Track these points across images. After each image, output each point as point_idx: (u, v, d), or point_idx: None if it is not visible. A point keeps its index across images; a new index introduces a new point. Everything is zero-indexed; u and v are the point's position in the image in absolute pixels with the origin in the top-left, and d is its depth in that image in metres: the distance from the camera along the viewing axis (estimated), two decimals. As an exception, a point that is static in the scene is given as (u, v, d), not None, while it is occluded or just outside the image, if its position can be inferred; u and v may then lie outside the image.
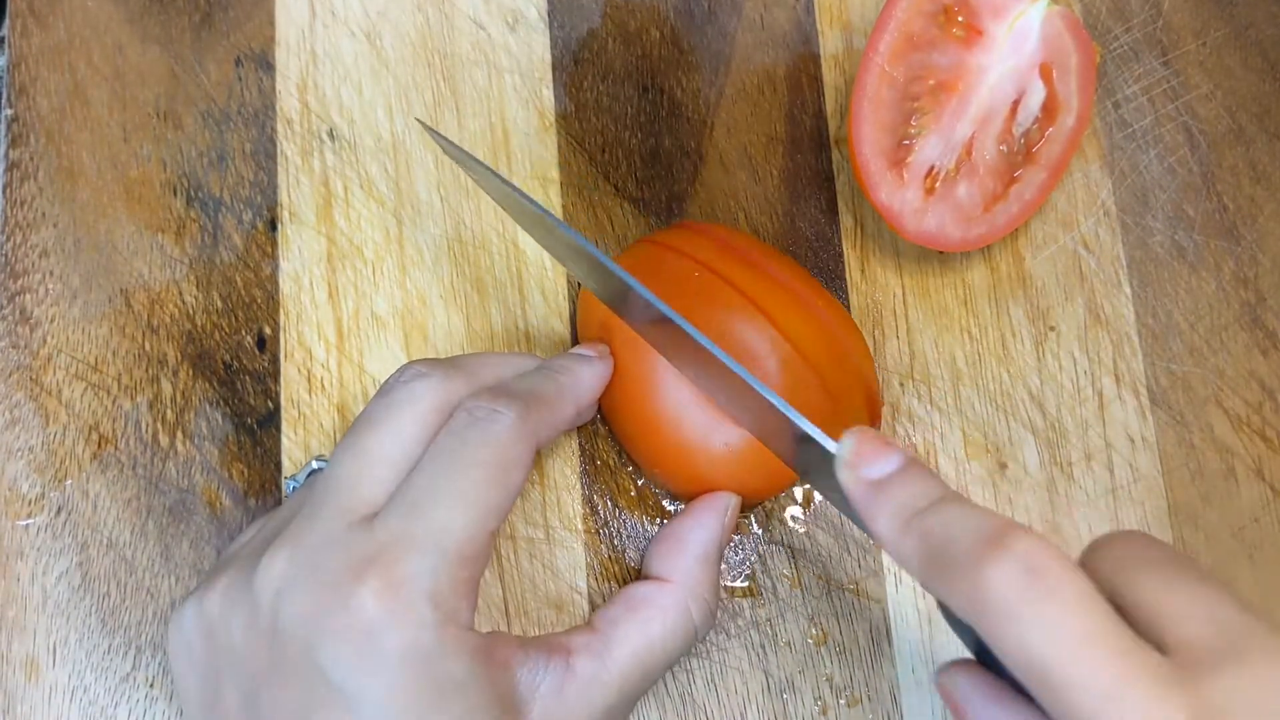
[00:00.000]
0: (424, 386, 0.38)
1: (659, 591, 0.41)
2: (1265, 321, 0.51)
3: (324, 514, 0.37)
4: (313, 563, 0.35)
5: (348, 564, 0.35)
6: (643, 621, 0.40)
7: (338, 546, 0.35)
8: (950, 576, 0.30)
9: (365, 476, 0.37)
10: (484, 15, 0.53)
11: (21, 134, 0.51)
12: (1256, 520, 0.49)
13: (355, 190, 0.51)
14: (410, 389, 0.38)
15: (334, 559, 0.35)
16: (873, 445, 0.35)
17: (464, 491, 0.36)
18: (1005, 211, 0.48)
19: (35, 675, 0.46)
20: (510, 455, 0.37)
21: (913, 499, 0.33)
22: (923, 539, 0.32)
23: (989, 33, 0.48)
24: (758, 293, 0.45)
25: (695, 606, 0.41)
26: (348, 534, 0.36)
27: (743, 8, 0.54)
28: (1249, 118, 0.53)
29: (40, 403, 0.48)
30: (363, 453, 0.38)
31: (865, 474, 0.34)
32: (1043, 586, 0.28)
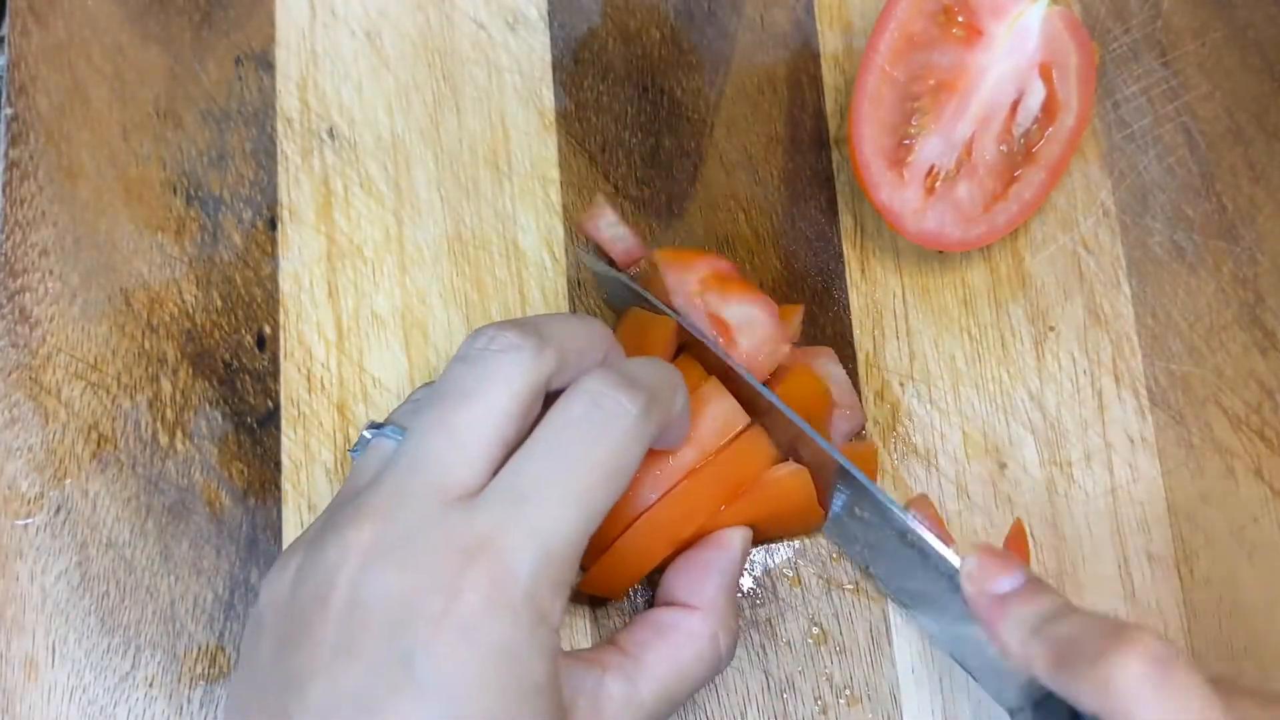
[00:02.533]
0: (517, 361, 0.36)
1: (688, 618, 0.40)
2: (1264, 321, 0.51)
3: (414, 491, 0.35)
4: (405, 540, 0.34)
5: (448, 548, 0.33)
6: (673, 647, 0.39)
7: (434, 528, 0.34)
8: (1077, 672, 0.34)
9: (457, 454, 0.35)
10: (484, 15, 0.53)
11: (21, 133, 0.51)
12: (1256, 520, 0.49)
13: (355, 189, 0.51)
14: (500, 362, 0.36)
15: (430, 540, 0.33)
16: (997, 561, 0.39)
17: (576, 491, 0.34)
18: (1005, 211, 0.48)
19: (34, 674, 0.46)
20: (627, 458, 0.35)
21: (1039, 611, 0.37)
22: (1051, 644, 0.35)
23: (989, 32, 0.48)
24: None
25: (724, 636, 0.40)
26: (444, 515, 0.34)
27: (743, 8, 0.54)
28: (1248, 118, 0.53)
29: (40, 402, 0.48)
30: (452, 429, 0.35)
31: (991, 589, 0.38)
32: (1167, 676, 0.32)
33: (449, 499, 0.34)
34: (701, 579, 0.41)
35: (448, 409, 0.36)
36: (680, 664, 0.39)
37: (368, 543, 0.34)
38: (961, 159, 0.49)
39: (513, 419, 0.35)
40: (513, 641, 0.33)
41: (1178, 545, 0.48)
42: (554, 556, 0.34)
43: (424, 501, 0.34)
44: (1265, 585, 0.48)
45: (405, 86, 0.53)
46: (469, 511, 0.34)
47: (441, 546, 0.33)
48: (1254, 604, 0.48)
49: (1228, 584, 0.48)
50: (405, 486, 0.35)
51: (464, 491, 0.35)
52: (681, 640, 0.39)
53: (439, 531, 0.34)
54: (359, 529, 0.34)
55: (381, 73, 0.53)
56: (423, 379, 0.49)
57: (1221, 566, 0.48)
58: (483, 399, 0.35)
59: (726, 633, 0.41)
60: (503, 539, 0.33)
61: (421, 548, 0.34)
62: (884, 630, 0.47)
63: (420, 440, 0.36)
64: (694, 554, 0.42)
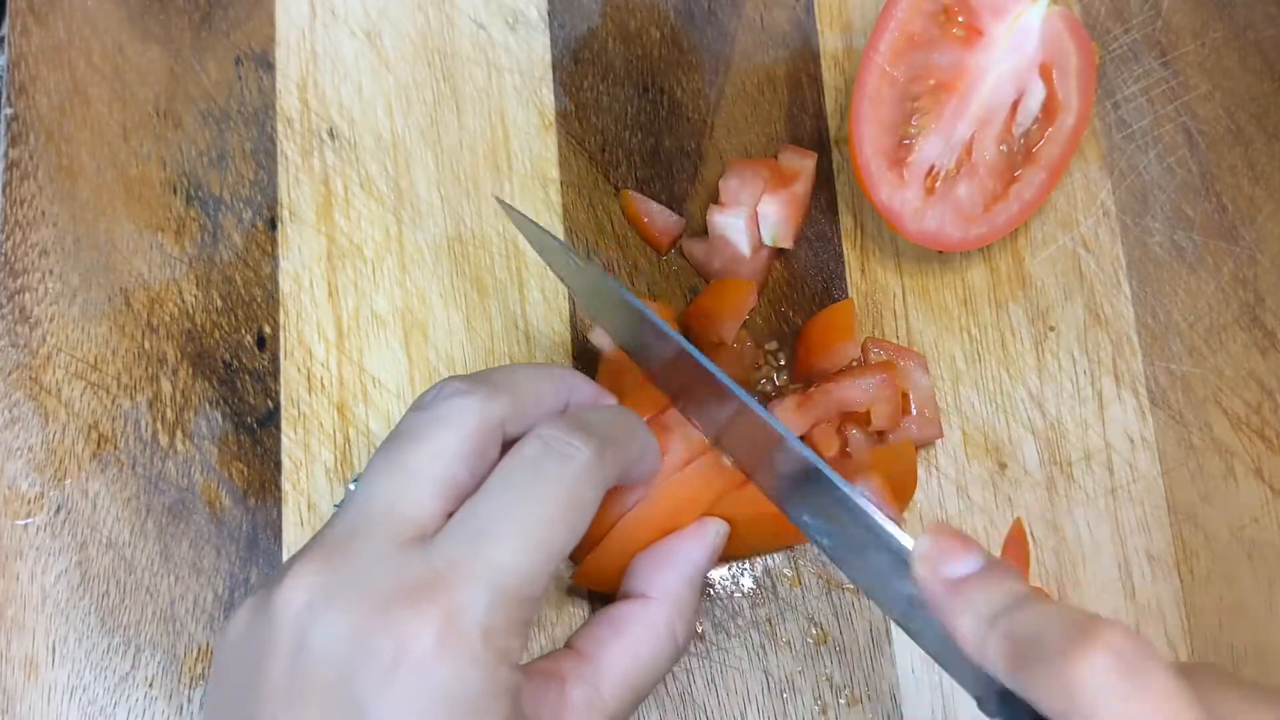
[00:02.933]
0: (467, 405, 0.36)
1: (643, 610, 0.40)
2: (1264, 321, 0.51)
3: (365, 531, 0.34)
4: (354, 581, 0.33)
5: (399, 587, 0.32)
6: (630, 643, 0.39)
7: (385, 567, 0.33)
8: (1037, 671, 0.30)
9: (407, 495, 0.35)
10: (484, 15, 0.53)
11: (21, 133, 0.51)
12: (1256, 520, 0.49)
13: (355, 189, 0.51)
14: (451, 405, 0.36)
15: (380, 581, 0.33)
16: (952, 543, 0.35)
17: (532, 527, 0.34)
18: (1005, 211, 0.48)
19: (34, 674, 0.46)
20: (583, 496, 0.35)
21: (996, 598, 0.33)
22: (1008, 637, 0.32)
23: (989, 33, 0.48)
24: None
25: (679, 625, 0.40)
26: (397, 555, 0.33)
27: (743, 8, 0.54)
28: (1248, 118, 0.53)
29: (40, 402, 0.48)
30: (402, 469, 0.35)
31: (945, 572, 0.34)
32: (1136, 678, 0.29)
33: (401, 540, 0.34)
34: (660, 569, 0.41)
35: (398, 451, 0.36)
36: (638, 658, 0.39)
37: (317, 585, 0.33)
38: (961, 159, 0.49)
39: (463, 460, 0.35)
40: (469, 684, 0.32)
41: (1178, 545, 0.48)
42: (512, 594, 0.33)
43: (375, 541, 0.34)
44: (1265, 585, 0.48)
45: (405, 86, 0.53)
46: (422, 551, 0.34)
47: (392, 587, 0.33)
48: (1254, 604, 0.48)
49: (1228, 584, 0.48)
50: (356, 527, 0.35)
51: (417, 531, 0.34)
52: (639, 635, 0.39)
53: (390, 572, 0.33)
54: (308, 571, 0.34)
55: (381, 73, 0.53)
56: (423, 379, 0.49)
57: (1221, 566, 0.48)
58: (432, 440, 0.35)
59: (683, 622, 0.40)
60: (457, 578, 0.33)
61: (371, 590, 0.33)
62: (884, 630, 0.47)
63: (371, 481, 0.36)
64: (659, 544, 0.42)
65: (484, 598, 0.33)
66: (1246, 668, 0.47)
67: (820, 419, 0.47)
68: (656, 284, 0.51)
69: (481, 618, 0.32)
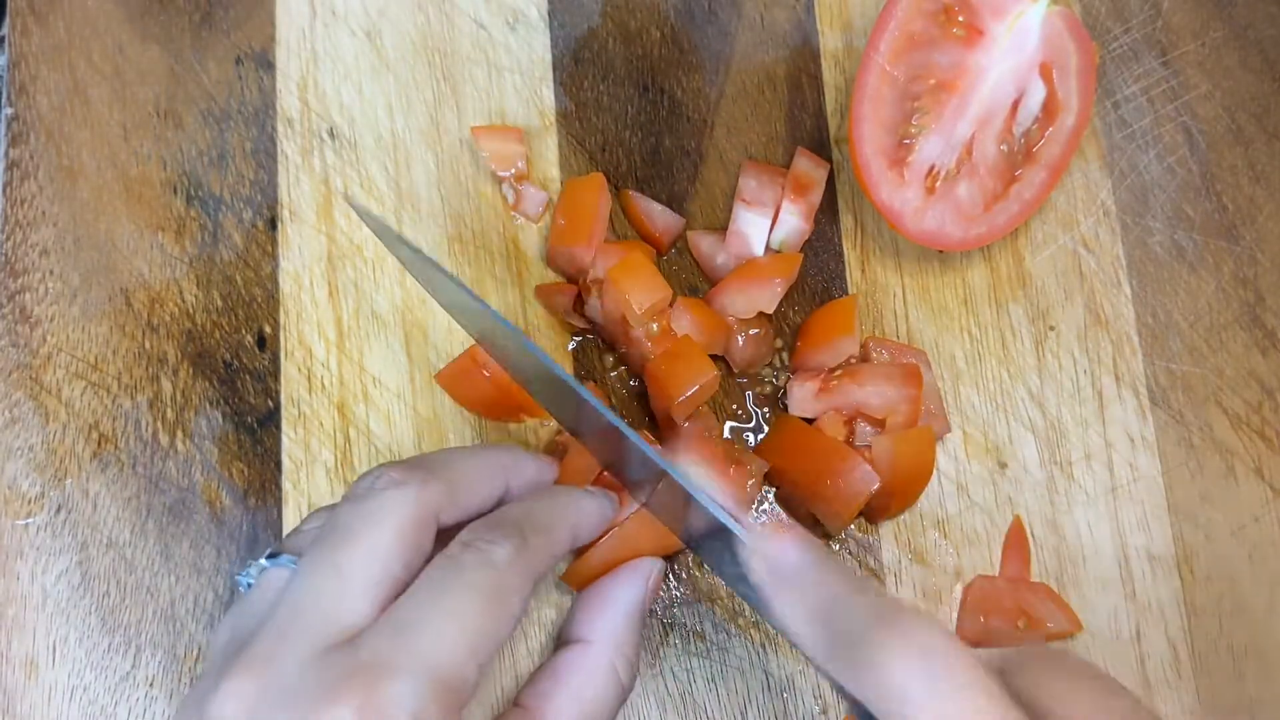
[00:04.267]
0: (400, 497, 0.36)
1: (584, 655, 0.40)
2: (1265, 321, 0.51)
3: (295, 635, 0.34)
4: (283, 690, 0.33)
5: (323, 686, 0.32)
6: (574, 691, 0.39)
7: (312, 670, 0.33)
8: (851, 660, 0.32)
9: (341, 594, 0.35)
10: (484, 14, 0.53)
11: (21, 133, 0.51)
12: (1256, 520, 0.49)
13: (355, 189, 0.51)
14: (385, 499, 0.36)
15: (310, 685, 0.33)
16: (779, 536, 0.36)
17: (457, 616, 0.34)
18: (1005, 211, 0.48)
19: (35, 674, 0.46)
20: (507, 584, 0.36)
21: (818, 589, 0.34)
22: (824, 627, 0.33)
23: (989, 32, 0.48)
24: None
25: (621, 666, 0.40)
26: (324, 657, 0.33)
27: (743, 8, 0.54)
28: (1248, 118, 0.53)
29: (40, 401, 0.48)
30: (336, 568, 0.35)
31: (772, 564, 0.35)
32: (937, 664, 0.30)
33: (332, 642, 0.34)
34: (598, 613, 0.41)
35: (332, 548, 0.36)
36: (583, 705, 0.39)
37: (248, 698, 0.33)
38: (962, 159, 0.49)
39: (398, 557, 0.36)
40: None
41: (1178, 545, 0.48)
42: (440, 683, 0.33)
43: (307, 646, 0.34)
44: (1265, 585, 0.48)
45: (405, 86, 0.53)
46: (351, 649, 0.34)
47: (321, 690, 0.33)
48: (1254, 604, 0.48)
49: (1228, 584, 0.48)
50: (288, 631, 0.34)
51: (347, 633, 0.34)
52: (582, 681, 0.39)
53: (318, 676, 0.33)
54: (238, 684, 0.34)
55: (382, 72, 0.53)
56: (423, 379, 0.49)
57: (1221, 566, 0.48)
58: (367, 537, 0.36)
59: (624, 662, 0.41)
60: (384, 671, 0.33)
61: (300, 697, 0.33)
62: (884, 630, 0.47)
63: (305, 580, 0.36)
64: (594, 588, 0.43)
65: (412, 688, 0.33)
66: (1246, 667, 0.47)
67: (832, 409, 0.48)
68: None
69: (411, 707, 0.32)
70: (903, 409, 0.47)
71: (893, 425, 0.47)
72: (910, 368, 0.48)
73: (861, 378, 0.48)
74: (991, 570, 0.48)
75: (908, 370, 0.47)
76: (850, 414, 0.48)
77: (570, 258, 0.49)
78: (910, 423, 0.47)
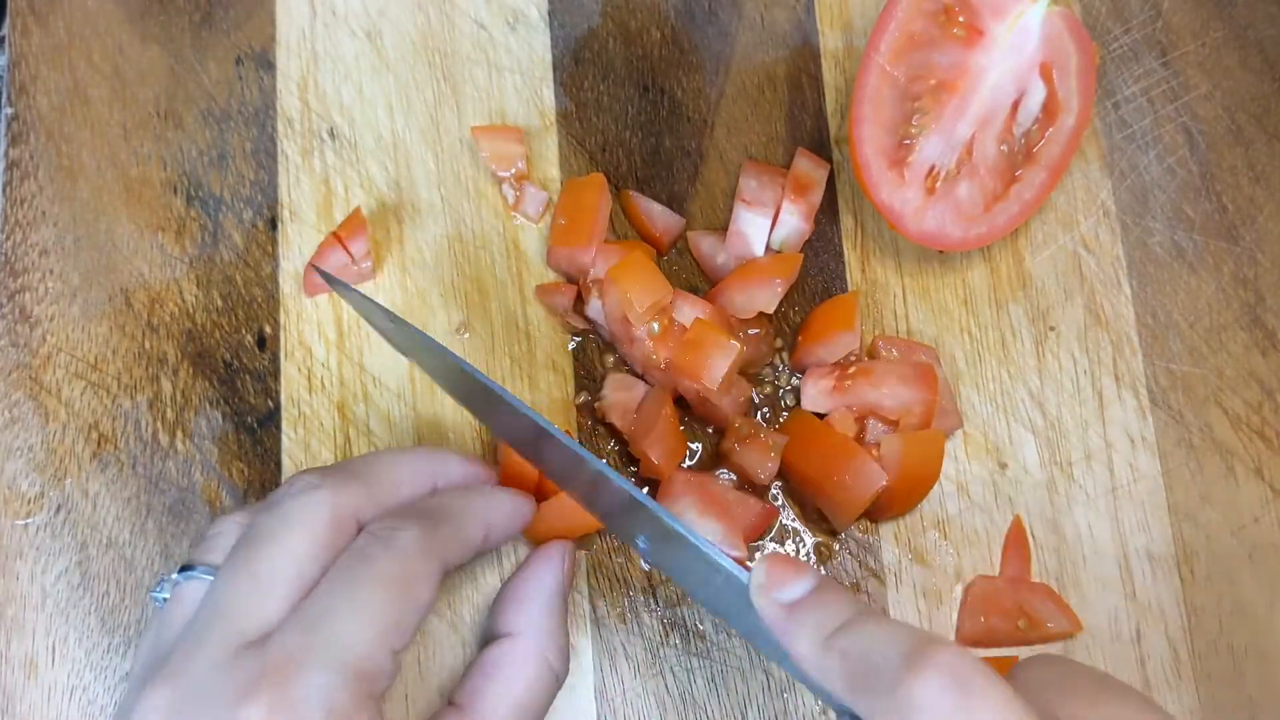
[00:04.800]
0: (316, 500, 0.37)
1: (512, 648, 0.40)
2: (1265, 321, 0.51)
3: (210, 640, 0.34)
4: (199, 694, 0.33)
5: (235, 686, 0.33)
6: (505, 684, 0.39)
7: (224, 672, 0.33)
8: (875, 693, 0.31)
9: (256, 597, 0.35)
10: (485, 14, 0.53)
11: (22, 132, 0.51)
12: (1256, 520, 0.49)
13: (355, 189, 0.51)
14: (301, 503, 0.37)
15: (225, 686, 0.33)
16: (784, 569, 0.36)
17: (364, 605, 0.35)
18: (1005, 211, 0.48)
19: (35, 674, 0.46)
20: (413, 570, 0.36)
21: (829, 618, 0.34)
22: (843, 657, 0.32)
23: (990, 32, 0.48)
24: None
25: (551, 654, 0.41)
26: (236, 658, 0.34)
27: (743, 8, 0.54)
28: (1248, 118, 0.53)
29: (40, 401, 0.48)
30: (252, 574, 0.35)
31: (780, 598, 0.35)
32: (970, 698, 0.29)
33: (245, 642, 0.34)
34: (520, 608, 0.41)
35: (249, 554, 0.36)
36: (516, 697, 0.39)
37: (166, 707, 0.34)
38: (962, 159, 0.49)
39: (313, 558, 0.36)
40: None
41: (1178, 545, 0.48)
42: (353, 670, 0.33)
43: (219, 649, 0.34)
44: (1265, 585, 0.48)
45: (405, 86, 0.53)
46: (261, 647, 0.34)
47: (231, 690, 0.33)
48: (1254, 604, 0.48)
49: (1228, 584, 0.48)
50: (203, 636, 0.35)
51: (262, 632, 0.34)
52: (513, 675, 0.40)
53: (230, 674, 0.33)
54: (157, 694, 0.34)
55: (382, 73, 0.53)
56: (423, 379, 0.49)
57: (1221, 566, 0.48)
58: (282, 540, 0.36)
59: (555, 651, 0.41)
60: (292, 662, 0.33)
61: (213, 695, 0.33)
62: (884, 630, 0.47)
63: (220, 587, 0.36)
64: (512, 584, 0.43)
65: (323, 678, 0.33)
66: (1247, 668, 0.47)
67: (844, 406, 0.48)
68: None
69: (323, 698, 0.33)
70: (917, 410, 0.47)
71: (906, 425, 0.47)
72: (925, 368, 0.48)
73: (876, 378, 0.48)
74: (992, 570, 0.48)
75: (922, 371, 0.47)
76: (863, 411, 0.48)
77: (570, 258, 0.49)
78: (924, 424, 0.47)
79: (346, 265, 0.49)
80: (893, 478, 0.46)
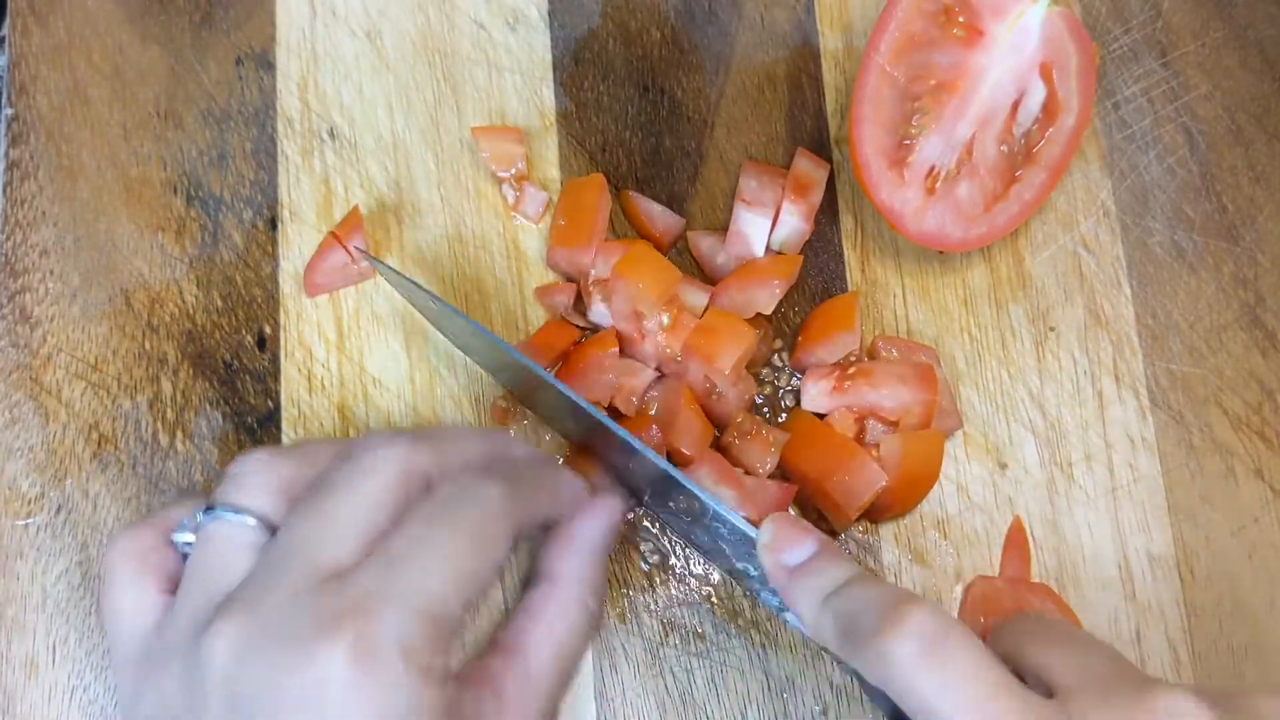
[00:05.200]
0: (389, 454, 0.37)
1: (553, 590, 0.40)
2: (1265, 322, 0.51)
3: (285, 574, 0.34)
4: (273, 623, 0.33)
5: (315, 620, 0.33)
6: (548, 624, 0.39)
7: (303, 605, 0.33)
8: (860, 650, 0.34)
9: (329, 537, 0.35)
10: (485, 15, 0.53)
11: (22, 133, 0.51)
12: (1256, 520, 0.49)
13: (355, 189, 0.51)
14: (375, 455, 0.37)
15: (299, 617, 0.33)
16: (790, 532, 0.39)
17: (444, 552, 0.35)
18: (1005, 211, 0.48)
19: (35, 674, 0.46)
20: (492, 527, 0.37)
21: (826, 581, 0.37)
22: (835, 617, 0.36)
23: (989, 33, 0.48)
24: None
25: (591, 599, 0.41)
26: (314, 592, 0.34)
27: (743, 8, 0.54)
28: (1248, 118, 0.53)
29: (40, 402, 0.48)
30: (324, 515, 0.36)
31: (784, 559, 0.39)
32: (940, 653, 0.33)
33: (321, 577, 0.34)
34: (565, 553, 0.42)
35: (321, 498, 0.36)
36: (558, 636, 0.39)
37: (239, 635, 0.34)
38: (962, 159, 0.49)
39: (384, 508, 0.36)
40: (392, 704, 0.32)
41: (1178, 545, 0.48)
42: (428, 615, 0.34)
43: (295, 583, 0.34)
44: (1265, 585, 0.48)
45: (405, 86, 0.53)
46: (340, 584, 0.34)
47: (311, 619, 0.33)
48: (1254, 604, 0.48)
49: (1228, 584, 0.48)
50: (276, 572, 0.35)
51: (337, 569, 0.35)
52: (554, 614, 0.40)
53: (309, 607, 0.33)
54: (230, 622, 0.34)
55: (382, 73, 0.53)
56: (423, 379, 0.49)
57: (1221, 566, 0.48)
58: (356, 488, 0.36)
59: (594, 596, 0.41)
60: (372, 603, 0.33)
61: (291, 629, 0.33)
62: (884, 630, 0.47)
63: (293, 528, 0.36)
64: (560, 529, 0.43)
65: (400, 619, 0.33)
66: (1247, 668, 0.47)
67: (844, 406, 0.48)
68: (657, 284, 0.51)
69: (399, 638, 0.33)
70: (916, 411, 0.47)
71: (906, 426, 0.47)
72: (925, 368, 0.48)
73: (876, 379, 0.48)
74: (991, 571, 0.48)
75: (922, 371, 0.47)
76: (863, 411, 0.48)
77: (570, 258, 0.49)
78: (923, 424, 0.47)
79: (345, 265, 0.49)
80: (892, 478, 0.46)
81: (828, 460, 0.47)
